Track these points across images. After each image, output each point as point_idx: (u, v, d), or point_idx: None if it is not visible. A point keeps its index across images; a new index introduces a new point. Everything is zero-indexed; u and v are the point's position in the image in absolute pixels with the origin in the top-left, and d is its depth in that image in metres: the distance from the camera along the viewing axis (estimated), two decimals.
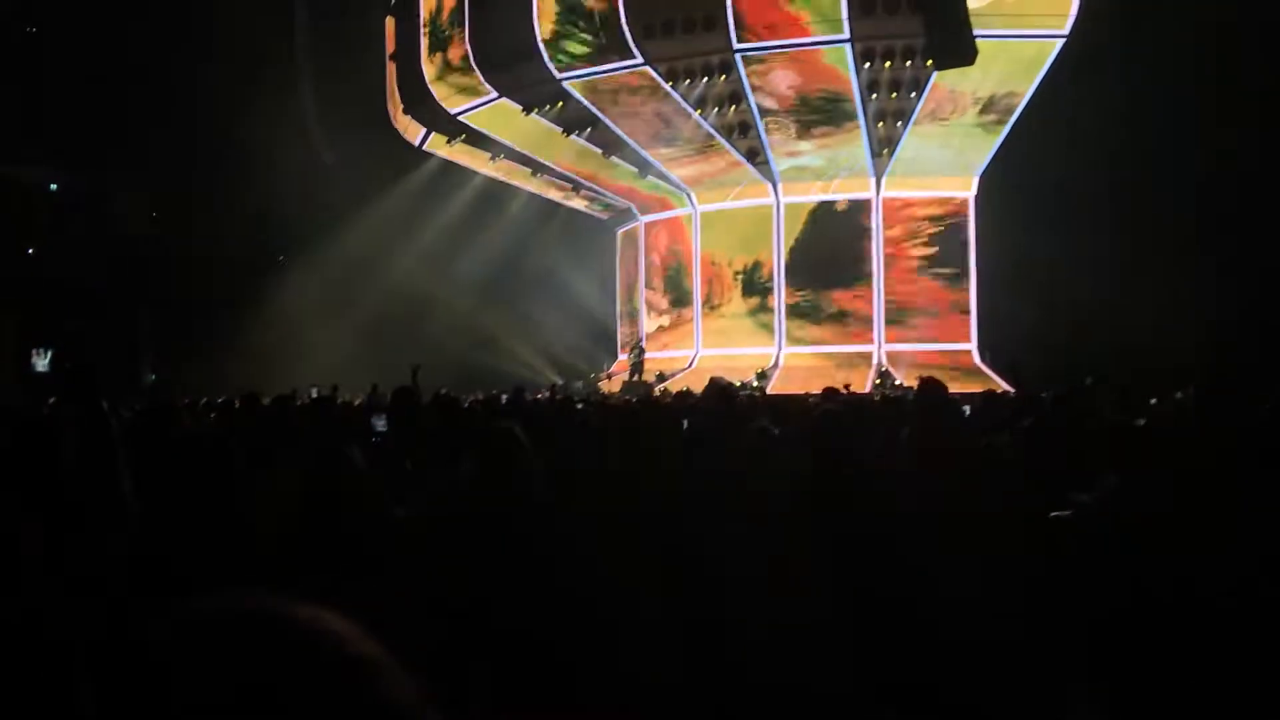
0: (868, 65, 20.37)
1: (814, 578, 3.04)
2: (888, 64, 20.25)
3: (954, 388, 5.07)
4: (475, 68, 22.34)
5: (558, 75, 21.47)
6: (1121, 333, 17.45)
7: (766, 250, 25.71)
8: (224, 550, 3.16)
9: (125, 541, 2.00)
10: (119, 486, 2.03)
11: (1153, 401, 10.40)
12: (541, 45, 21.10)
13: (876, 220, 24.86)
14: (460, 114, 23.97)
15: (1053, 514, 3.53)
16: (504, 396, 13.19)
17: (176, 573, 2.91)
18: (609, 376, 26.50)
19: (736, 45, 20.17)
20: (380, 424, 6.90)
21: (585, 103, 22.30)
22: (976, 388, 15.37)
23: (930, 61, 18.03)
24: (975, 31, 14.78)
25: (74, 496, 1.93)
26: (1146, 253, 18.08)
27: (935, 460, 3.85)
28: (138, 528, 2.05)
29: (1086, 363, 14.62)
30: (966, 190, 24.72)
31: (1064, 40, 19.69)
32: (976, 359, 24.06)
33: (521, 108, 22.87)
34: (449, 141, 25.19)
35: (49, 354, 18.58)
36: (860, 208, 24.99)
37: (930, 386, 4.44)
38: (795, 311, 25.39)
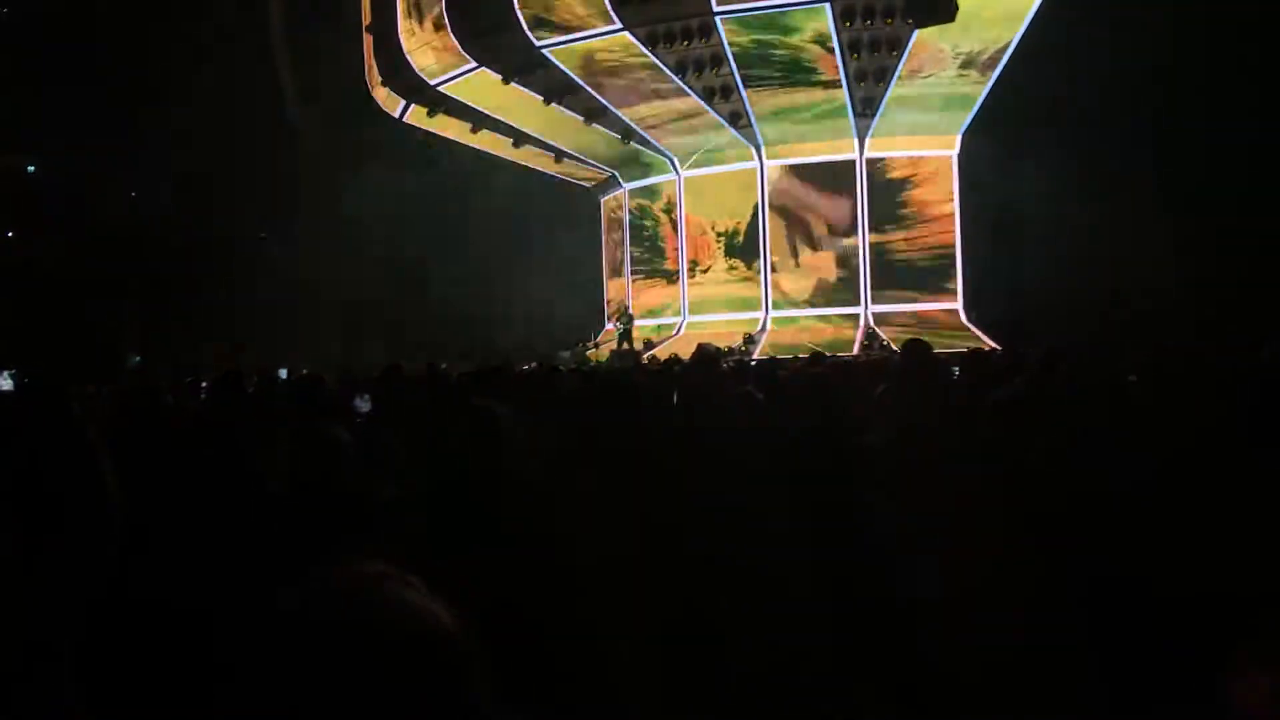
0: (848, 24, 20.19)
1: (798, 545, 3.04)
2: (868, 22, 20.09)
3: (941, 346, 5.06)
4: (452, 35, 22.06)
5: (537, 43, 21.24)
6: (1108, 285, 17.48)
7: (751, 214, 25.61)
8: (230, 532, 3.15)
9: (112, 544, 1.96)
10: (102, 490, 1.98)
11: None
12: (519, 12, 20.84)
13: (861, 181, 24.77)
14: (439, 84, 23.72)
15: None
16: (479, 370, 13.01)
17: (178, 563, 2.89)
18: (596, 345, 26.45)
19: (716, 7, 19.96)
20: (363, 404, 6.87)
21: (566, 70, 22.11)
22: (964, 346, 15.40)
23: (911, 19, 17.91)
24: None
25: (50, 501, 1.89)
26: (1130, 207, 18.04)
27: (911, 425, 3.84)
28: (124, 529, 2.01)
29: (1073, 317, 14.67)
30: (950, 149, 24.61)
31: None
32: (963, 317, 24.07)
33: (500, 77, 22.64)
34: (429, 113, 24.92)
35: (10, 375, 17.73)
36: (844, 168, 24.88)
37: (913, 349, 4.42)
38: (781, 275, 25.34)
